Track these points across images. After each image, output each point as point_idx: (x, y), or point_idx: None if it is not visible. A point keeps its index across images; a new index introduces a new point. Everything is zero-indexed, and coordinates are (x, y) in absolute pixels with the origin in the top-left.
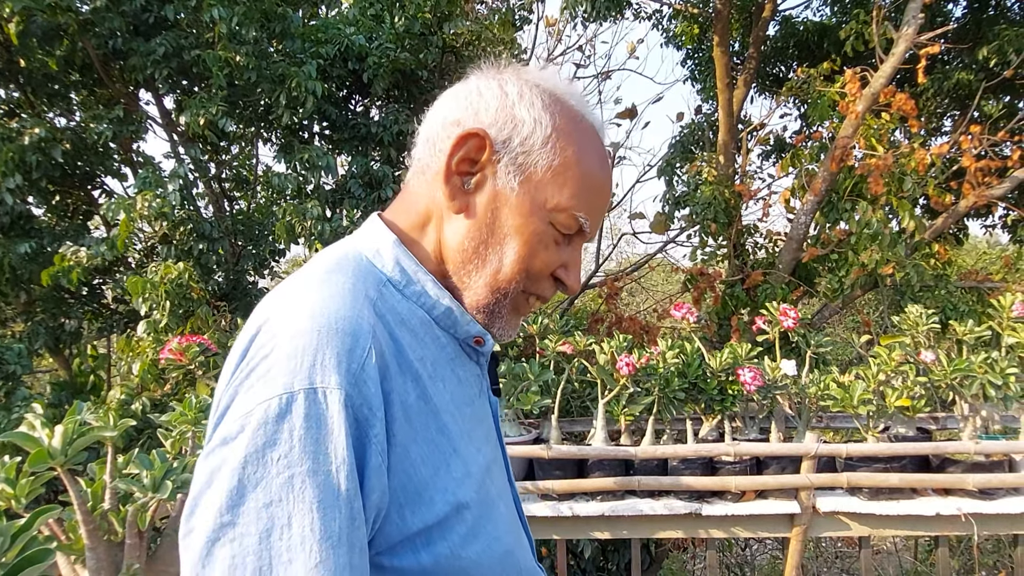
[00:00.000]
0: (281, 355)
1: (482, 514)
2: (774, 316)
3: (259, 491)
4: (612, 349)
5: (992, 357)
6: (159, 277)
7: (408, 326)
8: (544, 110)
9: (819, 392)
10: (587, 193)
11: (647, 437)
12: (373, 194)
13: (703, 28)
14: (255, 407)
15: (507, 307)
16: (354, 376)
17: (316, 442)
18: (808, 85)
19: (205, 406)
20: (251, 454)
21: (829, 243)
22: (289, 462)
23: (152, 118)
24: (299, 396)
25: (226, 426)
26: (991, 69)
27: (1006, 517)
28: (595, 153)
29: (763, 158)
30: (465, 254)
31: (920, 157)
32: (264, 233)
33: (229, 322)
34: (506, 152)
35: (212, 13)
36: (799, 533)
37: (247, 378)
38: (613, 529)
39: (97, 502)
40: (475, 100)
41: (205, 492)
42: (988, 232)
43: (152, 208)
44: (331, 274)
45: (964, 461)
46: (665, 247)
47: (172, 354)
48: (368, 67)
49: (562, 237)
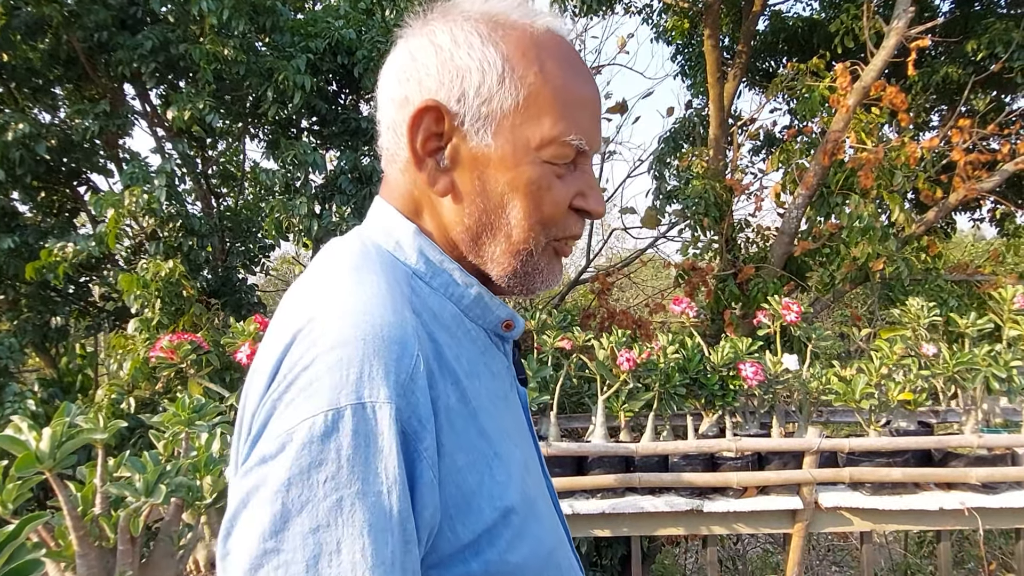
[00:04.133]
0: (324, 367)
1: (527, 515)
2: (776, 310)
3: (305, 515)
4: (612, 344)
5: (996, 350)
6: (151, 275)
7: (442, 322)
8: (485, 45)
9: (821, 387)
10: (569, 110)
11: (647, 433)
12: (364, 190)
13: (693, 23)
14: (298, 424)
15: (540, 262)
16: (403, 388)
17: (366, 462)
18: (798, 80)
19: (199, 406)
20: (296, 475)
21: (821, 237)
22: (337, 484)
23: (138, 113)
24: (346, 412)
25: (265, 444)
26: (979, 63)
27: (1009, 511)
28: (561, 62)
29: (753, 153)
30: (470, 232)
31: (911, 151)
32: (253, 229)
33: (221, 320)
34: (465, 110)
35: (200, 6)
36: (801, 529)
37: (286, 392)
38: (614, 527)
39: (88, 507)
40: (413, 68)
41: (242, 513)
42: (975, 226)
43: (140, 204)
44: (361, 272)
45: (967, 455)
46: (656, 242)
47: (163, 352)
48: (358, 61)
49: (563, 168)
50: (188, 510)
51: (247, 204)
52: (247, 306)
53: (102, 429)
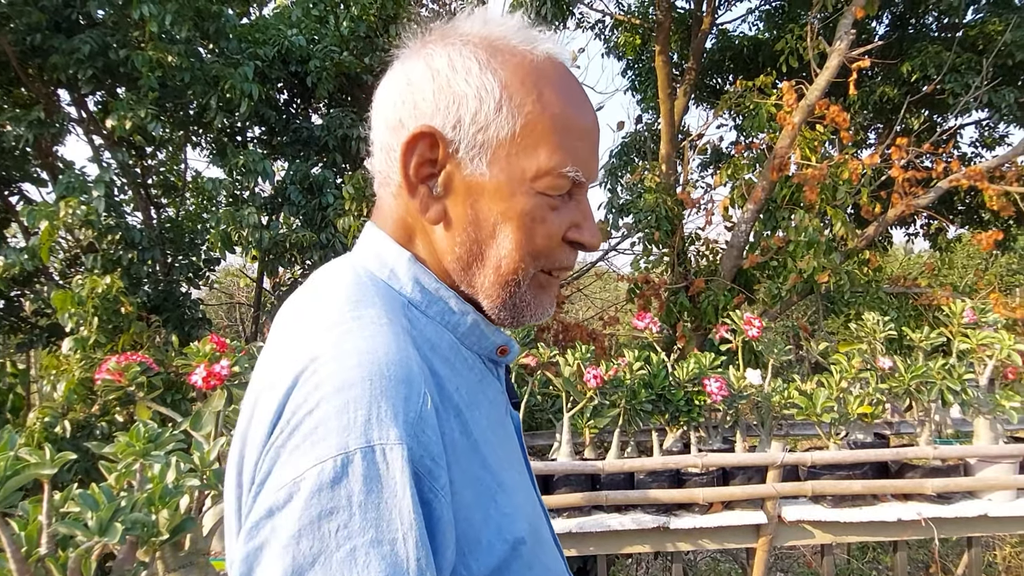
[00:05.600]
0: (330, 410)
1: (534, 544)
2: (738, 325)
3: (317, 569)
4: (578, 361)
5: (950, 363)
6: (86, 291)
7: (440, 353)
8: (483, 71)
9: (783, 401)
10: (566, 141)
11: (613, 450)
12: (313, 200)
13: (644, 39)
14: (305, 472)
15: (528, 293)
16: (413, 427)
17: (379, 508)
18: (745, 97)
19: (154, 435)
20: (305, 527)
21: (768, 250)
22: (349, 533)
23: (74, 120)
24: (355, 456)
25: (270, 495)
26: (913, 84)
27: (963, 520)
28: (560, 91)
29: (702, 168)
30: (462, 261)
31: (853, 167)
32: (196, 241)
33: (163, 337)
34: (461, 138)
35: (141, 10)
36: (765, 543)
37: (290, 438)
38: (580, 546)
39: (32, 547)
40: (408, 92)
41: (255, 571)
42: (910, 240)
43: (76, 216)
44: (360, 307)
45: (922, 466)
46: (606, 255)
47: (110, 374)
48: (311, 70)
49: (558, 200)
50: (143, 547)
51: (189, 215)
52: (191, 322)
53: (49, 463)
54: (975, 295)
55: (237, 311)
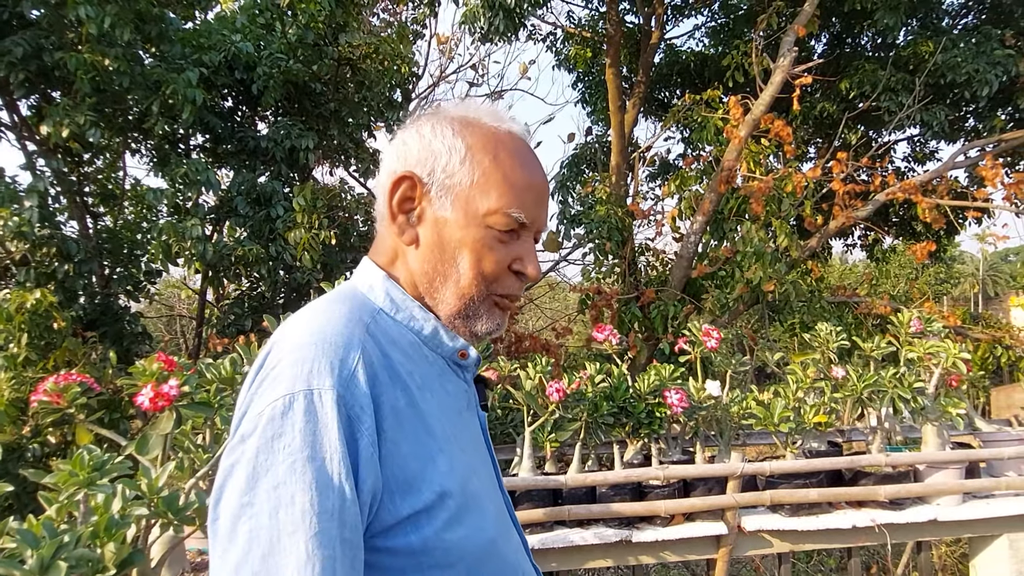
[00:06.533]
0: (286, 364)
1: (465, 504)
2: (697, 337)
3: (269, 475)
4: (540, 374)
5: (901, 372)
6: (14, 306)
7: (398, 346)
8: (455, 136)
9: (741, 411)
10: (513, 191)
11: (575, 464)
12: (261, 212)
13: (595, 52)
14: (265, 407)
15: (481, 309)
16: (345, 380)
17: (313, 433)
18: (693, 111)
19: (99, 463)
20: (262, 445)
21: (717, 261)
22: (291, 450)
23: (4, 125)
24: (299, 396)
25: (244, 425)
26: (851, 101)
27: (914, 525)
28: (513, 155)
29: (650, 179)
30: (428, 276)
31: (797, 180)
32: (136, 252)
33: (100, 354)
34: (433, 182)
35: (78, 12)
36: (725, 554)
37: (260, 386)
38: (542, 563)
39: None
40: (402, 149)
41: (228, 481)
42: (848, 251)
43: (8, 227)
44: (332, 303)
45: (875, 473)
46: (557, 265)
47: (47, 395)
48: (258, 77)
49: (505, 235)
50: None
51: (128, 225)
52: (130, 336)
53: None
54: (909, 304)
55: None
